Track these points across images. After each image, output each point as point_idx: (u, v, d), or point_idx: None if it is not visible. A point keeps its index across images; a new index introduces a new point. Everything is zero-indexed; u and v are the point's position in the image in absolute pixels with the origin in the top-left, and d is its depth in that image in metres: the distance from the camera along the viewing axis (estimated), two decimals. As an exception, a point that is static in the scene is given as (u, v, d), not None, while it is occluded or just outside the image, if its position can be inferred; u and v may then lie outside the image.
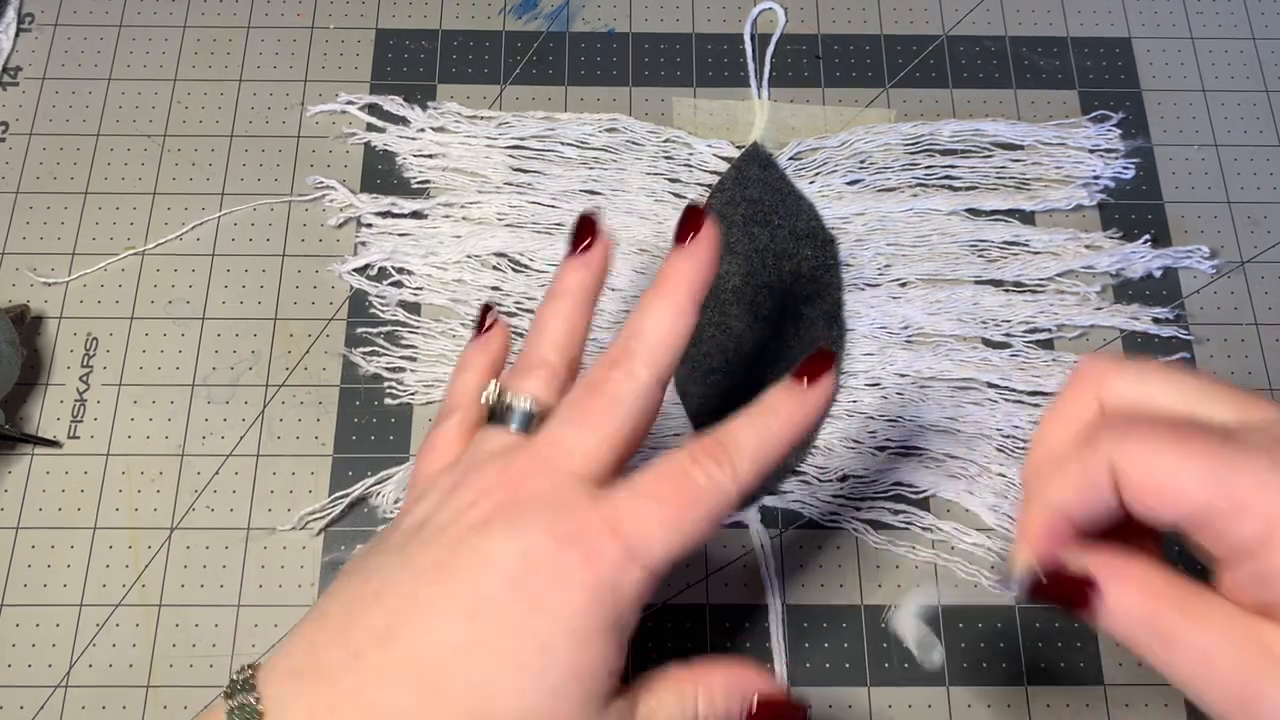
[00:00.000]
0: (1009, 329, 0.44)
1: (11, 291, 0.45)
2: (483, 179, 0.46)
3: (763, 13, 0.50)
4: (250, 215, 0.46)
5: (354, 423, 0.43)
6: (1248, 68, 0.50)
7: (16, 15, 0.50)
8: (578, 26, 0.50)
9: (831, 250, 0.44)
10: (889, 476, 0.42)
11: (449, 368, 0.43)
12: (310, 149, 0.47)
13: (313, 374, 0.43)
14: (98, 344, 0.44)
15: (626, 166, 0.46)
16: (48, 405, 0.43)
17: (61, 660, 0.39)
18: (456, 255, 0.45)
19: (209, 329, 0.44)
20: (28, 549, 0.40)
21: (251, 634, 0.39)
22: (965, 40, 0.50)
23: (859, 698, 0.39)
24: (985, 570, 0.40)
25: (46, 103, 0.48)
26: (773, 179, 0.45)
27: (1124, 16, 0.51)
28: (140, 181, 0.47)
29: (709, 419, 0.42)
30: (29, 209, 0.46)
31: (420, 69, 0.49)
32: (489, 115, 0.47)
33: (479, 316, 0.34)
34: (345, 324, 0.44)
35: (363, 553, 0.29)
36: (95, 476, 0.42)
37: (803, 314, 0.43)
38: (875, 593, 0.40)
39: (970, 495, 0.41)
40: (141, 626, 0.39)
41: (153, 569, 0.40)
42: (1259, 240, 0.46)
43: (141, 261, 0.45)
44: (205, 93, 0.48)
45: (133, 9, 0.50)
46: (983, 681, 0.39)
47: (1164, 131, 0.48)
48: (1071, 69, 0.50)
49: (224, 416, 0.43)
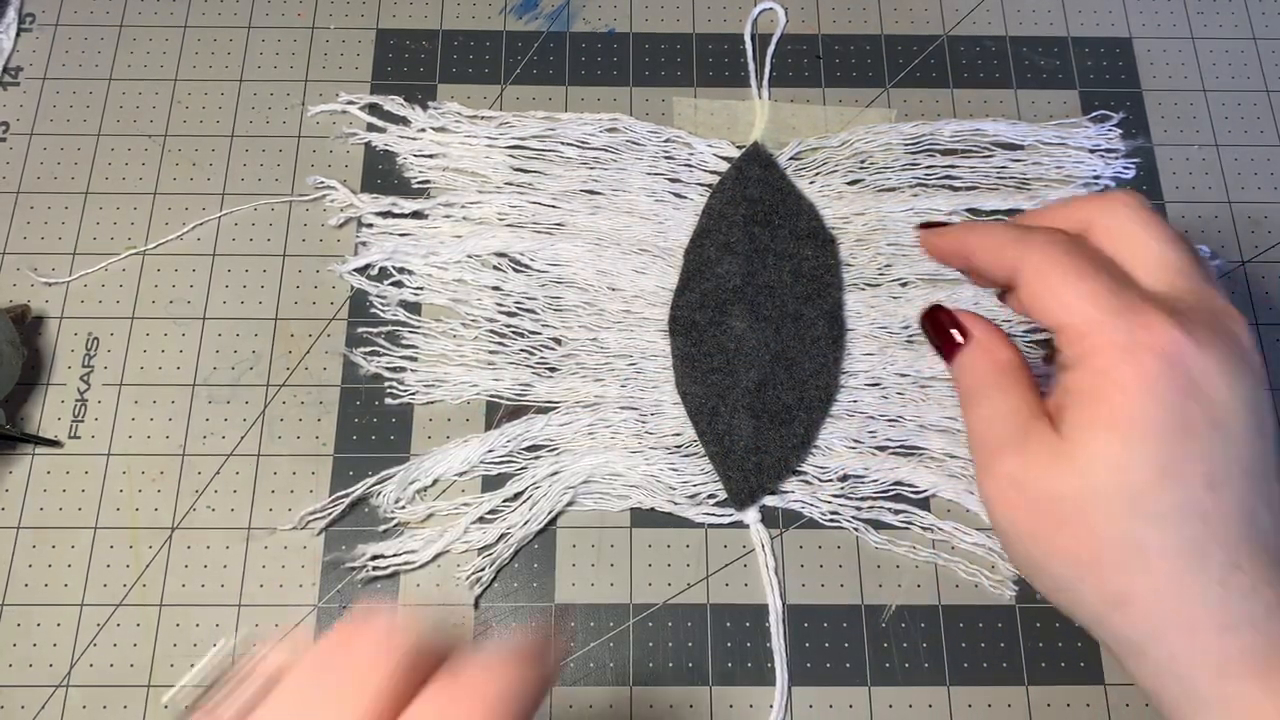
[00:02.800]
0: (1010, 329, 0.44)
1: (12, 291, 0.45)
2: (483, 179, 0.46)
3: (763, 13, 0.50)
4: (251, 215, 0.46)
5: (354, 423, 0.43)
6: (1248, 68, 0.50)
7: (17, 15, 0.50)
8: (578, 26, 0.50)
9: (832, 250, 0.44)
10: (889, 476, 0.42)
11: (449, 367, 0.43)
12: (311, 149, 0.47)
13: (313, 374, 0.43)
14: (98, 344, 0.44)
15: (627, 166, 0.46)
16: (48, 405, 0.43)
17: (62, 660, 0.39)
18: (457, 255, 0.45)
19: (209, 329, 0.44)
20: (28, 549, 0.41)
21: (252, 634, 0.39)
22: (966, 40, 0.50)
23: (859, 698, 0.39)
24: (985, 570, 0.40)
25: (47, 103, 0.48)
26: (773, 179, 0.45)
27: (1124, 16, 0.51)
28: (141, 181, 0.47)
29: (709, 419, 0.42)
30: (29, 209, 0.46)
31: (421, 69, 0.49)
32: (489, 115, 0.48)
33: None
34: (346, 324, 0.44)
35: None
36: (96, 476, 0.42)
37: (803, 314, 0.43)
38: (875, 593, 0.40)
39: (970, 495, 0.41)
40: (142, 626, 0.39)
41: (153, 569, 0.40)
42: (1259, 240, 0.46)
43: (142, 261, 0.45)
44: (206, 93, 0.48)
45: (133, 9, 0.50)
46: (983, 681, 0.39)
47: (1164, 131, 0.48)
48: (1072, 69, 0.50)
49: (224, 416, 0.43)
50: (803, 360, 0.42)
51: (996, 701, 0.39)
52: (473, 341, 0.44)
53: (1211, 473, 0.28)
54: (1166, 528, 0.28)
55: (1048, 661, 0.39)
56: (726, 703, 0.39)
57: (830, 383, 0.42)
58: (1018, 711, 0.39)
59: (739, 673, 0.39)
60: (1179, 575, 0.28)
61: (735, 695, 0.39)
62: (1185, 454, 0.28)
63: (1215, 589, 0.28)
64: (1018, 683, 0.39)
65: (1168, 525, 0.28)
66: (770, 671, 0.39)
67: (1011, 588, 0.40)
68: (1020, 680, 0.39)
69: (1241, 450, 0.28)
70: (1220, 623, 0.27)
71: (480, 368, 0.43)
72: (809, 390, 0.42)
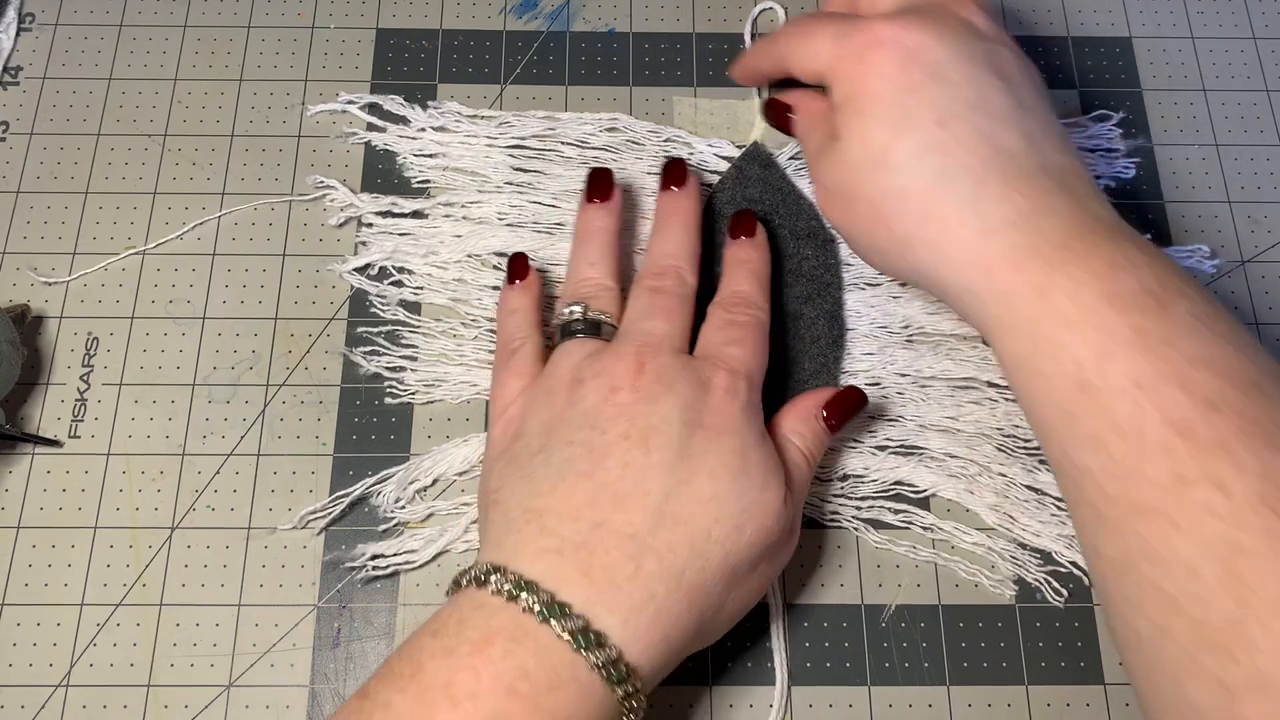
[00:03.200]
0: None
1: (12, 291, 0.45)
2: (483, 178, 0.46)
3: (763, 12, 0.50)
4: (251, 215, 0.46)
5: (354, 422, 0.43)
6: (1248, 68, 0.50)
7: (17, 15, 0.50)
8: (578, 26, 0.50)
9: (832, 250, 0.44)
10: (889, 476, 0.42)
11: (450, 367, 0.43)
12: (310, 149, 0.47)
13: (313, 374, 0.43)
14: (98, 344, 0.44)
15: (627, 166, 0.46)
16: (48, 405, 0.43)
17: (62, 660, 0.39)
18: (457, 254, 0.45)
19: (209, 329, 0.44)
20: (28, 549, 0.40)
21: (252, 634, 0.39)
22: (965, 40, 0.50)
23: (859, 698, 0.39)
24: (985, 570, 0.40)
25: (47, 102, 0.48)
26: (773, 179, 0.45)
27: (1124, 16, 0.51)
28: (140, 181, 0.47)
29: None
30: (29, 209, 0.46)
31: (420, 69, 0.49)
32: (490, 115, 0.48)
33: (512, 264, 0.41)
34: (345, 323, 0.44)
35: (500, 464, 0.35)
36: (96, 476, 0.42)
37: (803, 314, 0.43)
38: (875, 593, 0.40)
39: (970, 495, 0.41)
40: (142, 626, 0.39)
41: (153, 569, 0.40)
42: (1259, 240, 0.46)
43: (142, 261, 0.45)
44: (206, 92, 0.48)
45: (133, 9, 0.50)
46: (983, 681, 0.39)
47: (1164, 131, 0.48)
48: (1072, 69, 0.50)
49: (224, 416, 0.43)
50: (803, 360, 0.42)
51: (996, 701, 0.39)
52: (473, 341, 0.44)
53: (940, 114, 0.33)
54: (913, 168, 0.33)
55: (1048, 661, 0.39)
56: (726, 702, 0.39)
57: (830, 383, 0.42)
58: (1018, 711, 0.39)
59: (739, 672, 0.39)
60: (935, 202, 0.33)
61: (735, 695, 0.39)
62: (913, 106, 0.34)
63: (969, 204, 0.32)
64: (1018, 683, 0.39)
65: (914, 166, 0.33)
66: (770, 671, 0.39)
67: (1011, 587, 0.40)
68: (1020, 680, 0.39)
69: (965, 91, 0.34)
70: (980, 229, 0.32)
71: (480, 368, 0.43)
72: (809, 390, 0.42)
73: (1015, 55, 0.36)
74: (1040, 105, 0.35)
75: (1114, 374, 0.28)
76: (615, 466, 0.33)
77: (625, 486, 0.32)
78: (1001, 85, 0.34)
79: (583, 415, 0.34)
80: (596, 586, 0.31)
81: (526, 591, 0.30)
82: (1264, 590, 0.24)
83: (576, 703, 0.29)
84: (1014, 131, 0.34)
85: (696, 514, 0.32)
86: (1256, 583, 0.24)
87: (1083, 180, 0.33)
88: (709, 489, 0.33)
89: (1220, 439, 0.26)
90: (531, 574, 0.31)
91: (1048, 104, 0.36)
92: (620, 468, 0.33)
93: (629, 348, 0.36)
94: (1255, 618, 0.24)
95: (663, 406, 0.34)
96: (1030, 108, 0.35)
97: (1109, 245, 0.30)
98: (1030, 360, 0.30)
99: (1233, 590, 0.24)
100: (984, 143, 0.33)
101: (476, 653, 0.29)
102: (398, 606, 0.40)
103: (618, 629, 0.30)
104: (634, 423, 0.33)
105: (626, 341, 0.36)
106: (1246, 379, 0.27)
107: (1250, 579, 0.24)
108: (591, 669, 0.29)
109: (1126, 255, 0.30)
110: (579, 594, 0.30)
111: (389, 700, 0.29)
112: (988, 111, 0.34)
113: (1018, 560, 0.41)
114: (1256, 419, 0.26)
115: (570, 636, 0.29)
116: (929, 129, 0.33)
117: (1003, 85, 0.34)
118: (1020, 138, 0.33)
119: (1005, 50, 0.36)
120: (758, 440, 0.35)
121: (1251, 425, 0.26)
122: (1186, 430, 0.26)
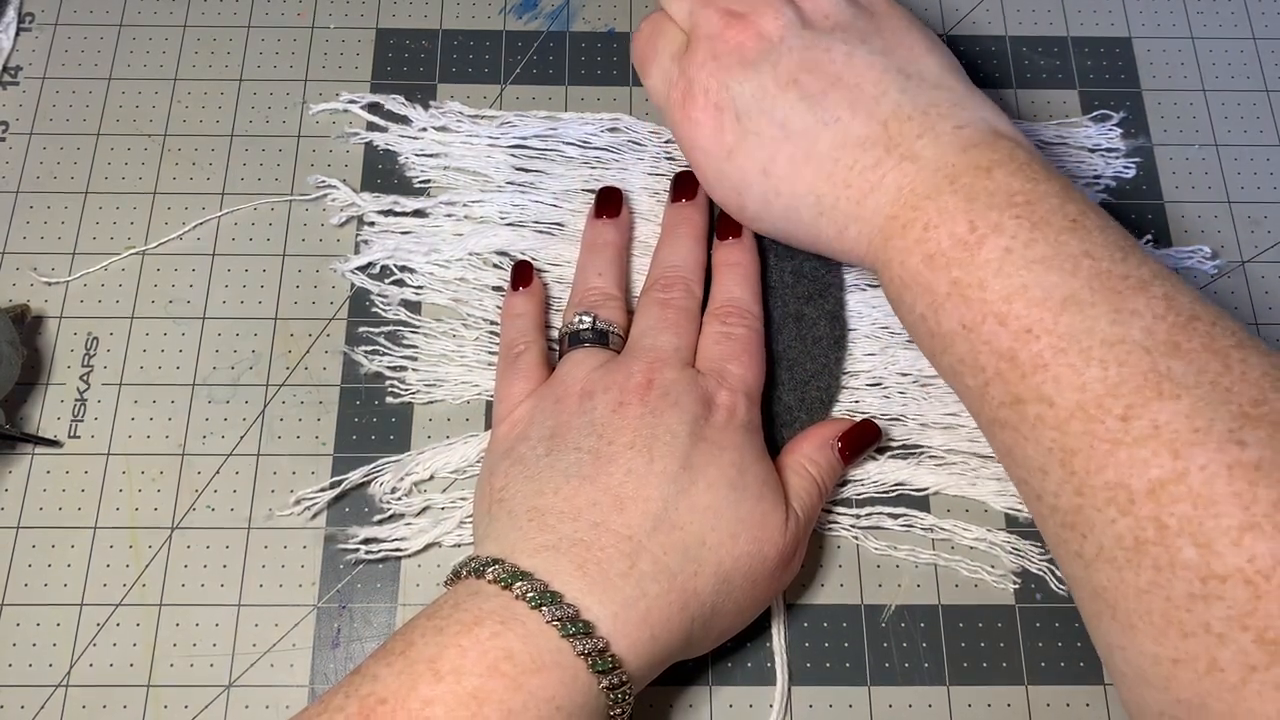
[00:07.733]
0: None
1: (12, 291, 0.45)
2: (485, 178, 0.46)
3: (763, 12, 0.50)
4: (251, 215, 0.46)
5: (354, 422, 0.43)
6: (1248, 68, 0.50)
7: (17, 15, 0.50)
8: (578, 26, 0.50)
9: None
10: (890, 477, 0.42)
11: (451, 367, 0.43)
12: (311, 148, 0.47)
13: (313, 373, 0.43)
14: (98, 344, 0.44)
15: (628, 166, 0.46)
16: (48, 405, 0.43)
17: (61, 660, 0.39)
18: (459, 254, 0.45)
19: (209, 329, 0.44)
20: (28, 549, 0.40)
21: (252, 634, 0.39)
22: (965, 40, 0.50)
23: (859, 698, 0.39)
24: (986, 567, 0.40)
25: (47, 102, 0.48)
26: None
27: (1124, 16, 0.51)
28: (140, 181, 0.47)
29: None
30: (29, 209, 0.46)
31: (421, 69, 0.49)
32: (491, 115, 0.47)
33: (516, 271, 0.43)
34: (346, 323, 0.44)
35: (506, 464, 0.36)
36: (95, 476, 0.42)
37: (804, 314, 0.43)
38: (875, 592, 0.40)
39: (972, 489, 0.41)
40: (142, 626, 0.39)
41: (153, 569, 0.40)
42: (1259, 240, 0.46)
43: (142, 261, 0.45)
44: (205, 92, 0.48)
45: (133, 9, 0.50)
46: (983, 681, 0.39)
47: (1164, 131, 0.48)
48: (1072, 69, 0.50)
49: (224, 416, 0.43)
50: (804, 361, 0.42)
51: (996, 701, 0.39)
52: (473, 341, 0.44)
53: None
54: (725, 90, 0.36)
55: (1048, 661, 0.39)
56: (726, 702, 0.39)
57: (832, 384, 0.42)
58: (1018, 711, 0.39)
59: (739, 672, 0.39)
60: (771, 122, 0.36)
61: (735, 695, 0.39)
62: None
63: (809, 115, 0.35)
64: (1018, 683, 0.39)
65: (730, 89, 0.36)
66: (770, 671, 0.39)
67: (1014, 580, 0.40)
68: (1020, 680, 0.39)
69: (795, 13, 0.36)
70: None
71: (480, 368, 0.43)
72: (810, 391, 0.42)
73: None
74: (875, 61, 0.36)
75: (946, 322, 0.32)
76: (619, 473, 0.34)
77: (627, 492, 0.34)
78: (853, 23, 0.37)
79: (590, 424, 0.35)
80: (589, 580, 0.32)
81: (521, 580, 0.31)
82: (1096, 481, 0.29)
83: (558, 686, 0.30)
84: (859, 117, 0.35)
85: (693, 521, 0.34)
86: (1087, 475, 0.29)
87: (923, 118, 0.34)
88: (707, 499, 0.34)
89: (1039, 360, 0.30)
90: (528, 566, 0.32)
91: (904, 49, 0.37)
92: (624, 474, 0.34)
93: (639, 365, 0.37)
94: (1091, 504, 0.29)
95: (669, 420, 0.35)
96: (848, 76, 0.36)
97: (927, 204, 0.33)
98: (895, 311, 0.36)
99: (1073, 484, 0.30)
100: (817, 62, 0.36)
101: (465, 632, 0.30)
102: (397, 607, 0.40)
103: (607, 621, 0.31)
104: (640, 434, 0.35)
105: (636, 358, 0.37)
106: (1061, 298, 0.30)
107: (1080, 472, 0.29)
108: (577, 656, 0.30)
109: (942, 210, 0.33)
110: (572, 586, 0.31)
111: (376, 673, 0.30)
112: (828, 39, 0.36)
113: (1019, 552, 0.41)
114: (1069, 334, 0.30)
115: (559, 623, 0.30)
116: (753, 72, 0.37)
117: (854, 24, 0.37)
118: (856, 118, 0.35)
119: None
120: (756, 456, 0.36)
121: (1064, 341, 0.30)
122: (1011, 357, 0.31)
